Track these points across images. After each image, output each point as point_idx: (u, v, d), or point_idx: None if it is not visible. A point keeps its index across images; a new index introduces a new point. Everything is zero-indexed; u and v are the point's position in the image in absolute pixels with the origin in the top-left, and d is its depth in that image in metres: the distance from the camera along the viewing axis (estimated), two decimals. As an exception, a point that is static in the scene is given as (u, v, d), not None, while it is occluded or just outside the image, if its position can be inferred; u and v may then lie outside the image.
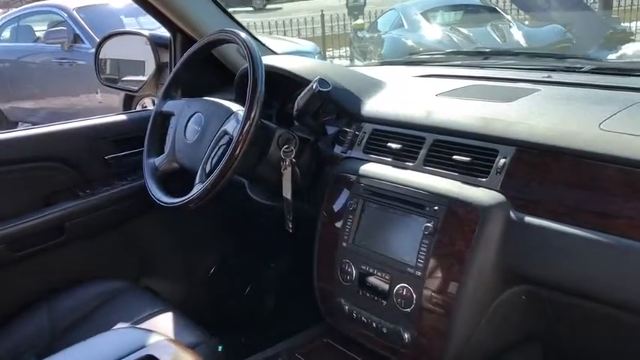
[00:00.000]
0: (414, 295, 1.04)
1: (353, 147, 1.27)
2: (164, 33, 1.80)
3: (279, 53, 1.81)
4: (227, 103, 1.32)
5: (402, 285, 1.06)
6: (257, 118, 1.15)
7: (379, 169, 1.17)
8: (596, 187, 0.91)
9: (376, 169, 1.18)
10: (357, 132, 1.28)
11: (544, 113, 1.08)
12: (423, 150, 1.13)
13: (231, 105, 1.30)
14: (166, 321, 1.30)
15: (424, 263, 1.03)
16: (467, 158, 1.05)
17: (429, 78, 1.52)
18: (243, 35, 1.25)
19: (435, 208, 1.04)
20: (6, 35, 6.51)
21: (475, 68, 1.61)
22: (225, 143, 1.23)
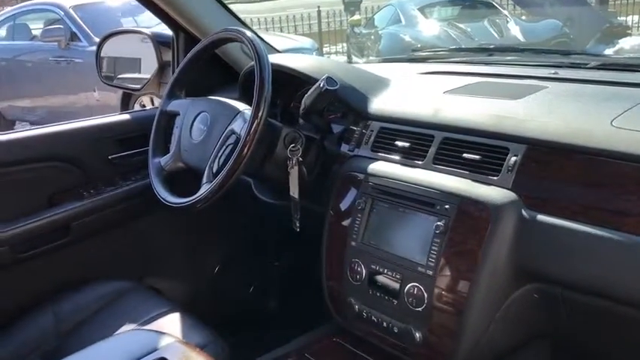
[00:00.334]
0: (425, 295, 1.03)
1: (360, 145, 1.26)
2: (164, 30, 1.79)
3: (280, 51, 1.80)
4: (233, 103, 1.31)
5: (413, 284, 1.05)
6: (265, 118, 1.15)
7: (387, 168, 1.17)
8: (609, 185, 0.91)
9: (384, 168, 1.17)
10: (364, 130, 1.27)
11: (554, 110, 1.07)
12: (432, 148, 1.12)
13: (237, 104, 1.30)
14: (173, 322, 1.30)
15: (435, 262, 1.02)
16: (477, 156, 1.05)
17: (434, 75, 1.52)
18: (249, 34, 1.24)
19: (446, 207, 1.03)
20: (2, 33, 6.47)
21: (479, 65, 1.61)
22: (232, 143, 1.22)
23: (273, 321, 1.87)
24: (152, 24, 5.46)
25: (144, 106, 5.03)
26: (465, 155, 1.06)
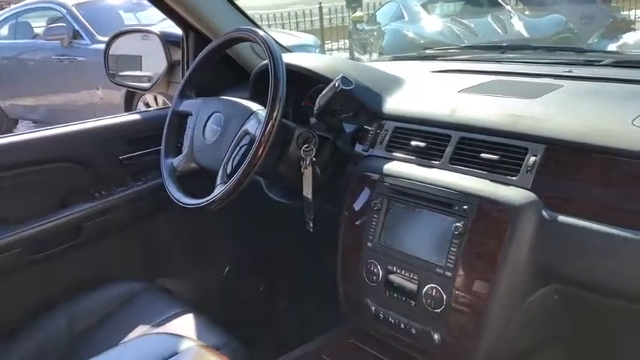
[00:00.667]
0: (444, 296, 1.03)
1: (374, 145, 1.25)
2: (169, 28, 1.78)
3: (290, 50, 1.79)
4: (246, 103, 1.30)
5: (432, 285, 1.04)
6: (279, 118, 1.14)
7: (403, 168, 1.16)
8: (631, 185, 0.90)
9: (400, 168, 1.16)
10: (379, 130, 1.26)
11: (573, 109, 1.06)
12: (449, 148, 1.12)
13: (250, 104, 1.29)
14: (188, 323, 1.29)
15: (454, 264, 1.01)
16: (495, 156, 1.04)
17: (447, 73, 1.51)
18: (262, 33, 1.23)
19: (465, 208, 1.02)
20: (4, 32, 6.46)
21: (492, 63, 1.60)
22: (246, 143, 1.22)
23: (283, 321, 1.87)
24: (155, 21, 5.47)
25: (147, 105, 5.02)
26: (483, 155, 1.06)
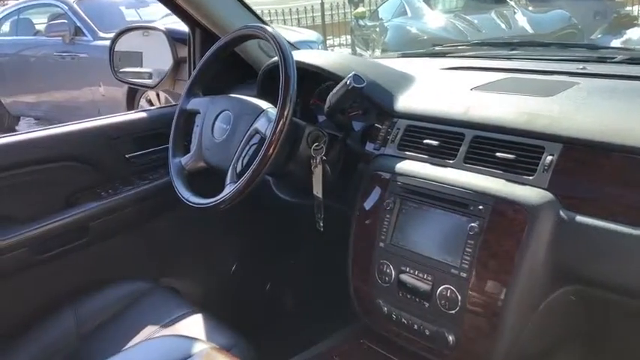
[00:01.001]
0: (459, 297, 1.01)
1: (386, 144, 1.24)
2: (173, 24, 1.77)
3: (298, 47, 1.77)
4: (255, 101, 1.28)
5: (446, 286, 1.03)
6: (290, 117, 1.12)
7: (416, 167, 1.14)
8: None
9: (413, 167, 1.14)
10: (390, 128, 1.24)
11: (590, 108, 1.05)
12: (463, 147, 1.10)
13: (260, 102, 1.27)
14: (196, 324, 1.28)
15: (469, 264, 1.00)
16: (511, 155, 1.02)
17: (459, 71, 1.49)
18: (271, 30, 1.21)
19: (480, 208, 1.01)
20: (6, 29, 6.43)
21: (502, 60, 1.58)
22: (256, 142, 1.20)
23: (292, 321, 1.85)
24: (157, 17, 5.45)
25: (150, 102, 5.00)
26: (498, 154, 1.04)
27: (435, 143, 1.14)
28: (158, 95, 4.90)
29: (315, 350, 1.26)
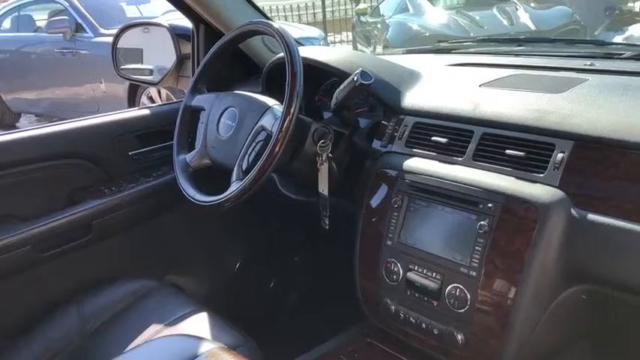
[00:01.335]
0: (469, 296, 1.00)
1: (393, 141, 1.22)
2: (176, 20, 1.75)
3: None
4: (261, 98, 1.27)
5: (455, 285, 1.02)
6: (296, 114, 1.11)
7: (424, 164, 1.13)
8: None
9: (421, 164, 1.13)
10: (397, 125, 1.23)
11: (601, 105, 1.03)
12: (472, 144, 1.08)
13: (265, 99, 1.26)
14: (202, 322, 1.27)
15: (479, 263, 0.99)
16: (521, 153, 1.01)
17: (465, 67, 1.47)
18: (277, 26, 1.20)
19: (490, 206, 0.99)
20: (6, 25, 6.41)
21: (509, 56, 1.56)
22: (262, 139, 1.19)
23: (297, 319, 1.84)
24: (157, 14, 5.43)
25: (151, 99, 4.98)
26: (508, 152, 1.02)
27: (444, 140, 1.13)
28: (159, 92, 4.88)
29: (321, 349, 1.24)
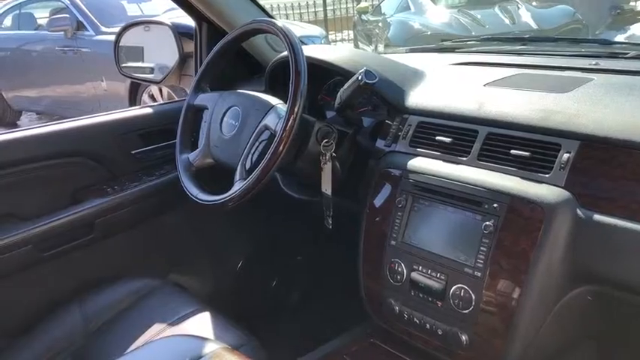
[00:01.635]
0: (473, 296, 0.99)
1: (397, 141, 1.22)
2: (177, 19, 1.75)
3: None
4: (264, 97, 1.27)
5: (460, 286, 1.01)
6: (300, 113, 1.10)
7: (428, 164, 1.12)
8: None
9: (425, 164, 1.13)
10: (401, 125, 1.22)
11: (608, 104, 1.03)
12: (477, 144, 1.08)
13: (269, 98, 1.25)
14: (205, 322, 1.26)
15: (484, 263, 0.98)
16: (526, 153, 1.00)
17: (469, 66, 1.47)
18: (281, 25, 1.19)
19: (495, 206, 0.99)
20: (7, 23, 6.41)
21: (513, 55, 1.56)
22: (266, 139, 1.18)
23: (300, 319, 1.84)
24: (159, 12, 5.42)
25: (152, 97, 4.98)
26: (513, 152, 1.02)
27: (448, 140, 1.12)
28: (161, 90, 4.87)
29: (324, 349, 1.24)
